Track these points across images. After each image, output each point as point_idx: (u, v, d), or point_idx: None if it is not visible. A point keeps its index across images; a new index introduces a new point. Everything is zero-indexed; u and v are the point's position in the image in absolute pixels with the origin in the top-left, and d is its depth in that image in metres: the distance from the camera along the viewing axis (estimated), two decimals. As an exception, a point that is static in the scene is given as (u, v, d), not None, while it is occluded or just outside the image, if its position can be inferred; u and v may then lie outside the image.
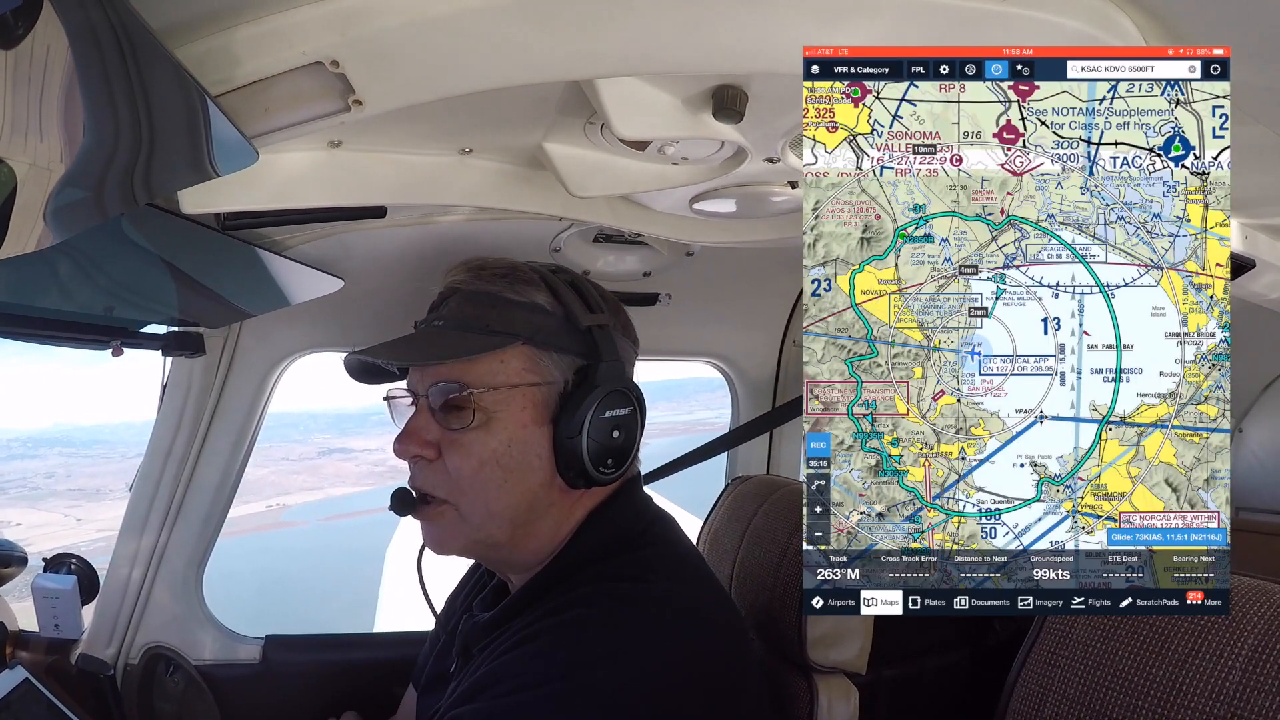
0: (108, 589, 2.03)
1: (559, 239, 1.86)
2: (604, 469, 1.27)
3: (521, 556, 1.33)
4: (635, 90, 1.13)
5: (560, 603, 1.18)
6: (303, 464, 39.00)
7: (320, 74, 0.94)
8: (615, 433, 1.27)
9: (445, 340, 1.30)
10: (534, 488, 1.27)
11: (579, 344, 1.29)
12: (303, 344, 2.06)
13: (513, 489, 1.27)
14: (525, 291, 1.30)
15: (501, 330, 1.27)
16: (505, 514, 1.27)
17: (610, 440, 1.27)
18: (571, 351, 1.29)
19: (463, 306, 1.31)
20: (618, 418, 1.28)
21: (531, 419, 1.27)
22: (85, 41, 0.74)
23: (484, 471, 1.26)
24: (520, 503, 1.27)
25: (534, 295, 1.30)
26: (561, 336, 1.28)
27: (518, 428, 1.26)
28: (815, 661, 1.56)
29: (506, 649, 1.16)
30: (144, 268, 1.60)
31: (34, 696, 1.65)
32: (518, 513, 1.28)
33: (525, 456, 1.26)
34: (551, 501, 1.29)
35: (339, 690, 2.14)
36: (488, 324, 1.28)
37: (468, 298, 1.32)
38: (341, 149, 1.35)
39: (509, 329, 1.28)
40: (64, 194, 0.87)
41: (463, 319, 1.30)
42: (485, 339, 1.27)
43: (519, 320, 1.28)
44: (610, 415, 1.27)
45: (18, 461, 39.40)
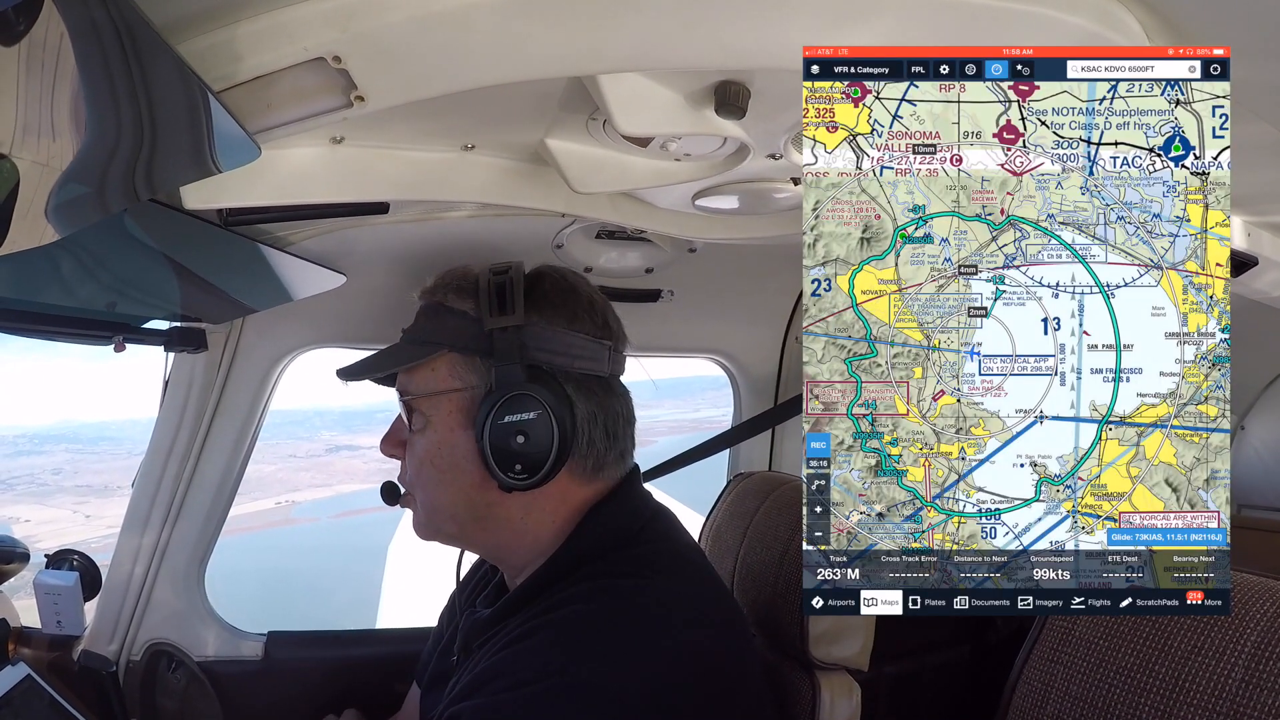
0: (110, 585, 2.03)
1: (561, 235, 1.86)
2: (513, 474, 1.26)
3: (488, 550, 1.39)
4: (638, 86, 1.13)
5: (559, 599, 1.18)
6: (310, 460, 39.00)
7: (322, 70, 0.95)
8: (518, 437, 1.25)
9: (395, 353, 1.38)
10: (466, 488, 1.31)
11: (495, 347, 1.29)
12: (305, 340, 2.06)
13: (447, 488, 1.32)
14: (456, 299, 1.33)
15: (430, 339, 1.34)
16: (446, 510, 1.34)
17: (514, 445, 1.25)
18: (492, 355, 1.29)
19: (417, 318, 1.39)
20: (520, 422, 1.25)
21: (458, 423, 1.30)
22: (87, 38, 0.75)
23: (424, 471, 1.33)
24: (457, 501, 1.32)
25: (463, 302, 1.32)
26: (480, 341, 1.29)
27: (446, 431, 1.31)
28: (817, 658, 1.56)
29: (505, 645, 1.17)
30: (146, 263, 1.61)
31: (36, 693, 1.65)
32: (457, 510, 1.33)
33: (454, 458, 1.31)
34: (492, 501, 1.30)
35: (341, 687, 2.15)
36: (421, 335, 1.35)
37: (422, 310, 1.39)
38: (344, 145, 1.35)
39: (435, 338, 1.33)
40: (66, 189, 0.88)
41: (413, 330, 1.38)
42: (417, 349, 1.34)
43: (447, 329, 1.33)
44: (510, 420, 1.25)
45: (24, 458, 39.39)
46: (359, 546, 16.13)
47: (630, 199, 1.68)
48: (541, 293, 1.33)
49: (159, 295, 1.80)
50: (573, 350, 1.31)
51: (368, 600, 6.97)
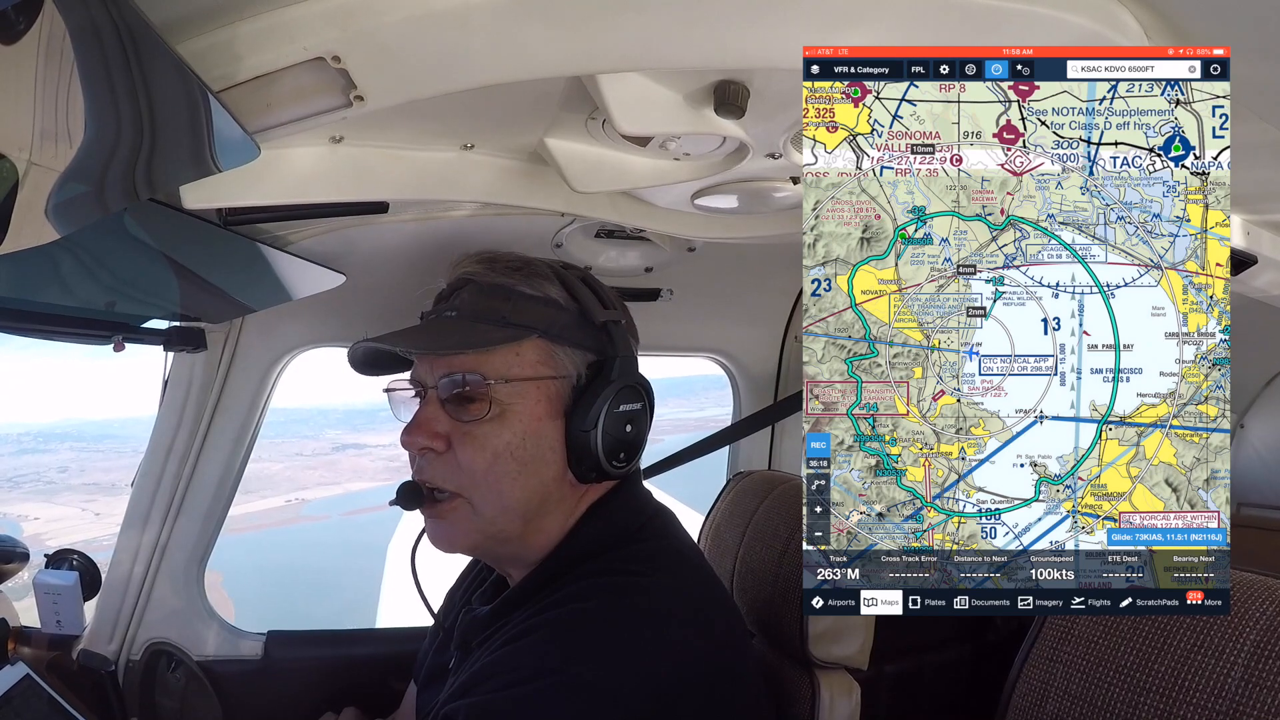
0: (109, 585, 2.03)
1: (561, 234, 1.86)
2: (616, 462, 1.28)
3: (527, 551, 1.32)
4: (637, 86, 1.13)
5: (558, 597, 1.18)
6: (317, 459, 39.00)
7: (322, 69, 0.95)
8: (628, 426, 1.29)
9: (461, 331, 1.29)
10: (546, 481, 1.28)
11: (592, 339, 1.30)
12: (305, 339, 2.06)
13: (526, 482, 1.27)
14: (540, 285, 1.30)
15: (517, 323, 1.27)
16: (518, 507, 1.27)
17: (623, 434, 1.28)
18: (585, 346, 1.29)
19: (477, 298, 1.31)
20: (630, 412, 1.29)
21: (545, 412, 1.27)
22: (87, 37, 0.75)
23: (498, 464, 1.25)
24: (533, 495, 1.27)
25: (548, 289, 1.30)
26: (575, 331, 1.29)
27: (532, 420, 1.26)
28: (817, 657, 1.56)
29: (503, 643, 1.17)
30: (146, 263, 1.60)
31: (35, 692, 1.65)
32: (530, 505, 1.27)
33: (539, 449, 1.27)
34: (562, 495, 1.30)
35: (340, 685, 2.15)
36: (504, 316, 1.28)
37: (482, 289, 1.31)
38: (344, 144, 1.35)
39: (525, 321, 1.28)
40: (66, 189, 0.88)
41: (477, 310, 1.30)
42: (502, 330, 1.27)
43: (534, 313, 1.28)
44: (624, 409, 1.28)
45: (29, 456, 39.37)
46: (370, 544, 16.16)
47: (630, 198, 1.68)
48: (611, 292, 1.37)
49: (158, 295, 1.80)
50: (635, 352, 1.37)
51: (384, 595, 6.99)
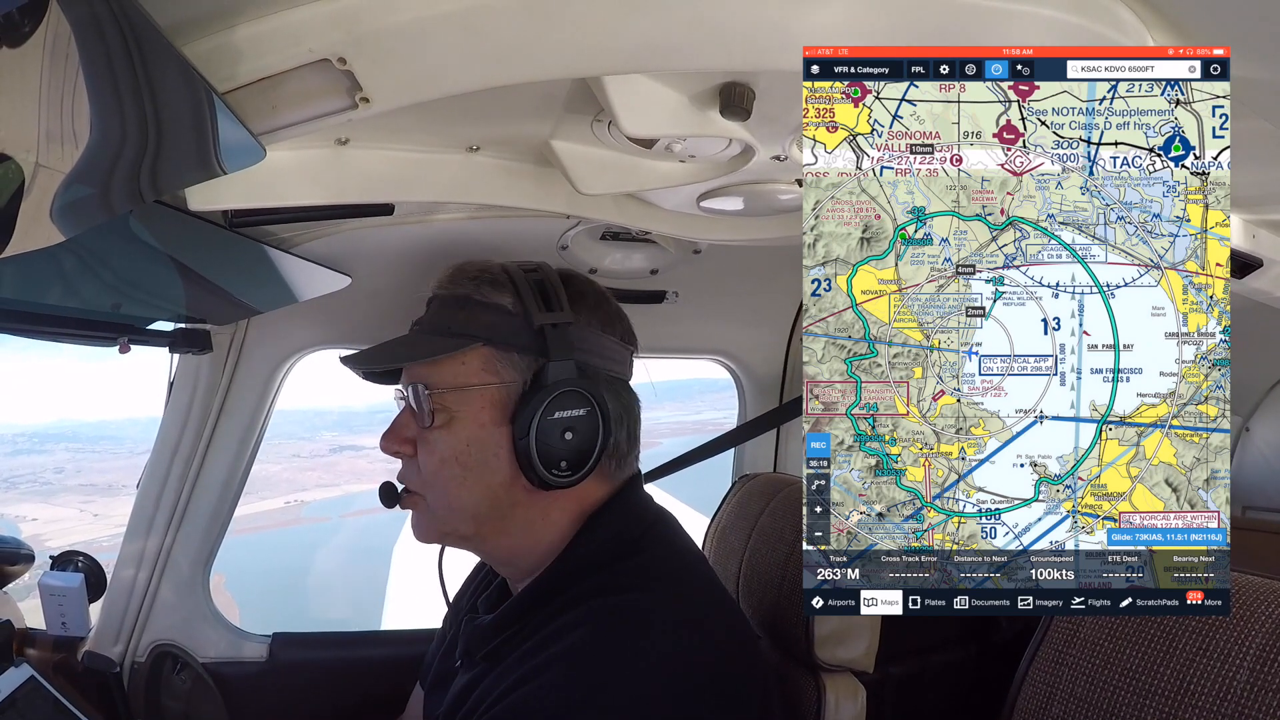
0: (114, 587, 2.04)
1: (566, 237, 1.86)
2: (557, 471, 1.26)
3: (500, 553, 1.35)
4: (642, 88, 1.13)
5: (561, 623, 1.17)
6: (315, 460, 38.92)
7: (327, 71, 0.95)
8: (567, 434, 1.25)
9: (415, 344, 1.34)
10: (494, 486, 1.28)
11: (536, 344, 1.28)
12: (310, 341, 2.06)
13: (472, 486, 1.29)
14: (491, 293, 1.31)
15: (462, 332, 1.30)
16: (466, 510, 1.30)
17: (560, 442, 1.25)
18: (531, 351, 1.28)
19: (438, 310, 1.35)
20: (569, 419, 1.26)
21: (490, 419, 1.28)
22: (92, 39, 0.75)
23: (445, 469, 1.29)
24: (480, 500, 1.29)
25: (499, 296, 1.30)
26: (520, 336, 1.28)
27: (476, 427, 1.28)
28: (822, 660, 1.56)
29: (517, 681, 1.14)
30: (151, 264, 1.61)
31: (40, 694, 1.65)
32: (479, 509, 1.29)
33: (484, 455, 1.28)
34: (516, 500, 1.29)
35: (346, 688, 2.15)
36: (450, 327, 1.31)
37: (443, 302, 1.35)
38: (349, 146, 1.35)
39: (469, 331, 1.29)
40: (71, 190, 0.88)
41: (435, 323, 1.34)
42: (447, 341, 1.30)
43: (480, 322, 1.30)
44: (560, 416, 1.25)
45: (24, 457, 39.34)
46: (372, 546, 16.19)
47: (635, 200, 1.68)
48: (579, 293, 1.34)
49: (164, 296, 1.80)
50: (607, 351, 1.33)
51: (389, 596, 7.00)
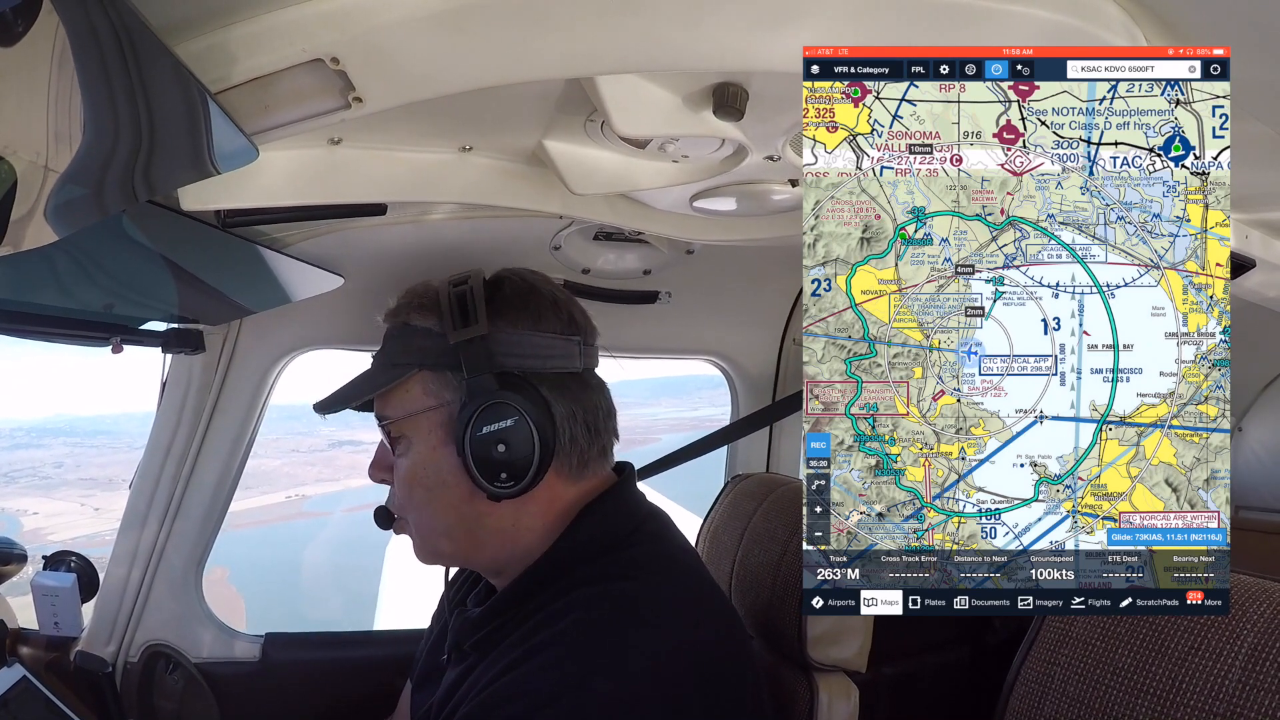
0: (107, 587, 2.03)
1: (559, 237, 1.86)
2: (499, 483, 1.25)
3: (485, 564, 1.36)
4: (635, 88, 1.13)
5: (554, 609, 1.17)
6: (313, 455, 38.80)
7: (320, 71, 0.95)
8: (500, 446, 1.24)
9: (370, 378, 1.37)
10: (456, 504, 1.29)
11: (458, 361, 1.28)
12: (303, 341, 2.06)
13: (437, 507, 1.30)
14: (420, 317, 1.32)
15: (400, 361, 1.32)
16: (438, 529, 1.32)
17: (493, 455, 1.24)
18: (459, 369, 1.27)
19: (385, 342, 1.37)
20: (499, 431, 1.24)
21: (439, 440, 1.29)
22: (85, 39, 0.74)
23: (413, 493, 1.32)
24: (448, 518, 1.31)
25: (427, 319, 1.31)
26: (446, 356, 1.28)
27: (429, 450, 1.30)
28: (815, 660, 1.56)
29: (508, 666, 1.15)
30: (144, 264, 1.60)
31: (32, 694, 1.65)
32: (450, 527, 1.31)
33: (440, 476, 1.29)
34: (481, 513, 1.29)
35: (338, 687, 2.15)
36: (392, 357, 1.34)
37: (389, 333, 1.37)
38: (341, 146, 1.35)
39: (405, 359, 1.32)
40: (64, 190, 0.87)
41: (384, 354, 1.36)
42: (391, 371, 1.32)
43: (414, 348, 1.31)
44: (490, 431, 1.24)
45: (23, 451, 39.18)
46: (371, 539, 16.15)
47: (628, 200, 1.68)
48: (503, 298, 1.31)
49: (157, 296, 1.80)
50: (542, 351, 1.30)
51: (383, 595, 6.99)
